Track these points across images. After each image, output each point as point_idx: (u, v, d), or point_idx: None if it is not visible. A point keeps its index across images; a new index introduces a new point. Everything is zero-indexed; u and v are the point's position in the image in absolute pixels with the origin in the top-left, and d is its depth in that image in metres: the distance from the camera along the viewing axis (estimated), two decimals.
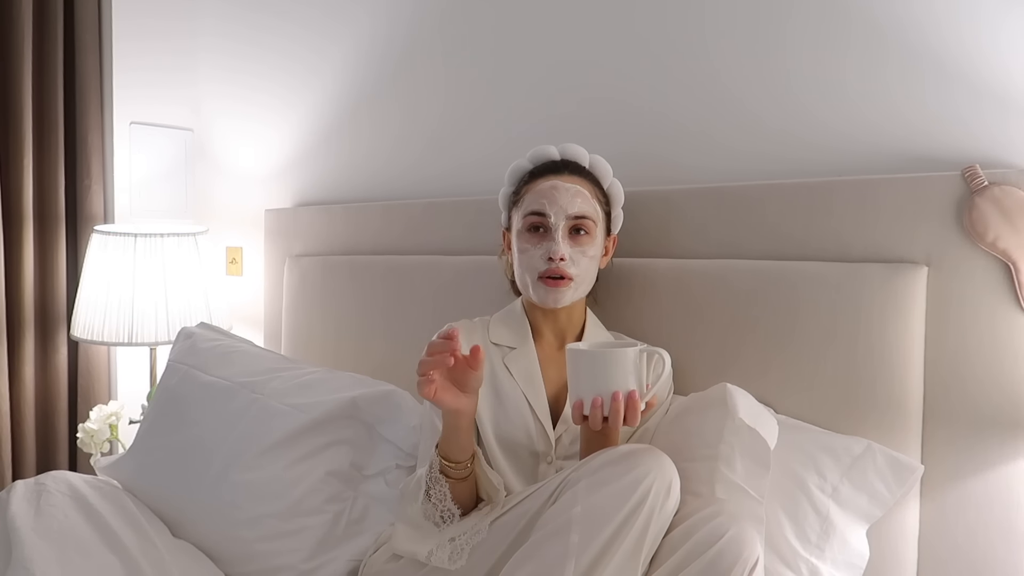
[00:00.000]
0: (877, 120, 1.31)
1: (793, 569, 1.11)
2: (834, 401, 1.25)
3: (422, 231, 1.82)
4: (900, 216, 1.23)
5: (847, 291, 1.24)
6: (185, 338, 1.71)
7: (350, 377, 1.56)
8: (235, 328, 2.26)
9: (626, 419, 1.02)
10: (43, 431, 2.20)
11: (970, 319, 1.19)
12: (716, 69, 1.47)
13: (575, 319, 1.33)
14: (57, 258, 2.18)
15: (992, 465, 1.17)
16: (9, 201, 2.09)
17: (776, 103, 1.41)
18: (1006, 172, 1.16)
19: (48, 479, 1.41)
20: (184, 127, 2.41)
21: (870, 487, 1.15)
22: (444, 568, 1.07)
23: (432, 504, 1.13)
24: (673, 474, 0.98)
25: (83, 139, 2.21)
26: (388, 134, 1.99)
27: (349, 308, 1.90)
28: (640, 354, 1.05)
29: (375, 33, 2.00)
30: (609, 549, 0.93)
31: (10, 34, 2.08)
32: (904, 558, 1.20)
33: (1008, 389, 1.16)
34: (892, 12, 1.28)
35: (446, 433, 1.11)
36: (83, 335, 1.99)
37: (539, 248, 1.25)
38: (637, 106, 1.57)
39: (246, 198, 2.33)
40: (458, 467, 1.11)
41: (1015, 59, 1.18)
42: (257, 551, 1.31)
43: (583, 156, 1.33)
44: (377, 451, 1.44)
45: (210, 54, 2.41)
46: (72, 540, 1.26)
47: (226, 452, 1.41)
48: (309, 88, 2.15)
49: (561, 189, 1.25)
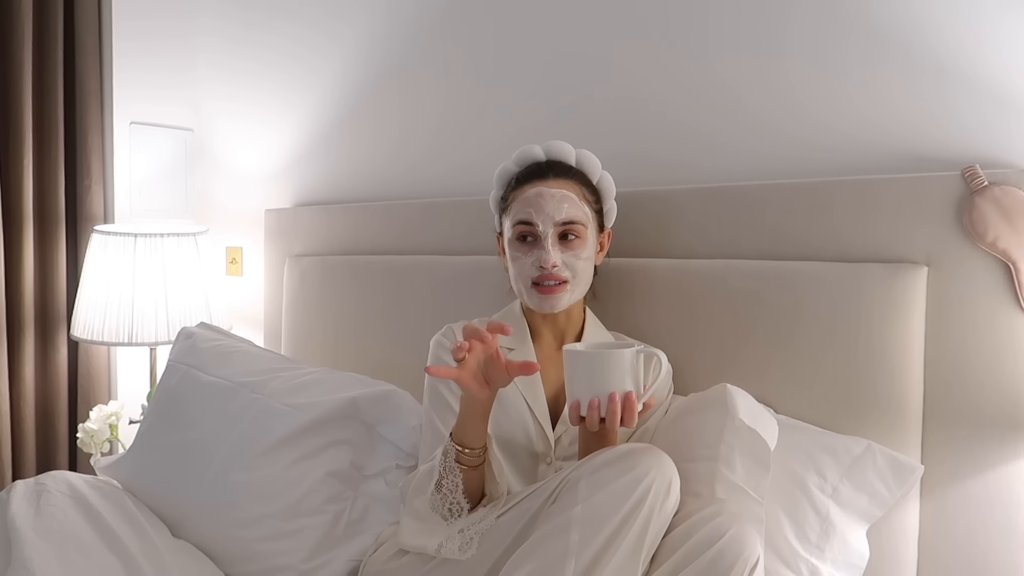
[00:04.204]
0: (877, 120, 1.31)
1: (793, 569, 1.11)
2: (834, 401, 1.25)
3: (422, 231, 1.82)
4: (900, 216, 1.23)
5: (847, 291, 1.24)
6: (185, 338, 1.71)
7: (350, 377, 1.56)
8: (235, 328, 2.26)
9: (623, 420, 1.02)
10: (43, 431, 2.20)
11: (970, 319, 1.19)
12: (716, 69, 1.47)
13: (574, 319, 1.33)
14: (57, 258, 2.18)
15: (992, 465, 1.17)
16: (9, 201, 2.09)
17: (776, 103, 1.41)
18: (1006, 172, 1.16)
19: (48, 479, 1.41)
20: (184, 127, 2.41)
21: (870, 487, 1.15)
22: (453, 560, 1.08)
23: (442, 496, 1.13)
24: (673, 473, 0.98)
25: (83, 139, 2.21)
26: (388, 134, 1.99)
27: (349, 308, 1.90)
28: (637, 355, 1.05)
29: (375, 33, 2.00)
30: (609, 548, 0.93)
31: (10, 34, 2.08)
32: (904, 558, 1.20)
33: (1008, 389, 1.16)
34: (892, 12, 1.28)
35: (463, 419, 1.11)
36: (83, 335, 1.99)
37: (530, 256, 1.24)
38: (636, 106, 1.57)
39: (246, 198, 2.33)
40: (472, 454, 1.11)
41: (1015, 59, 1.18)
42: (257, 551, 1.31)
43: (569, 153, 1.31)
44: (377, 451, 1.44)
45: (210, 54, 2.41)
46: (72, 540, 1.26)
47: (226, 452, 1.41)
48: (309, 88, 2.15)
49: (547, 196, 1.23)
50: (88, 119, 2.21)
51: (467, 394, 1.08)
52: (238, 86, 2.34)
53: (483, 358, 1.07)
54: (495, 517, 1.08)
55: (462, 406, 1.11)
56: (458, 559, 1.07)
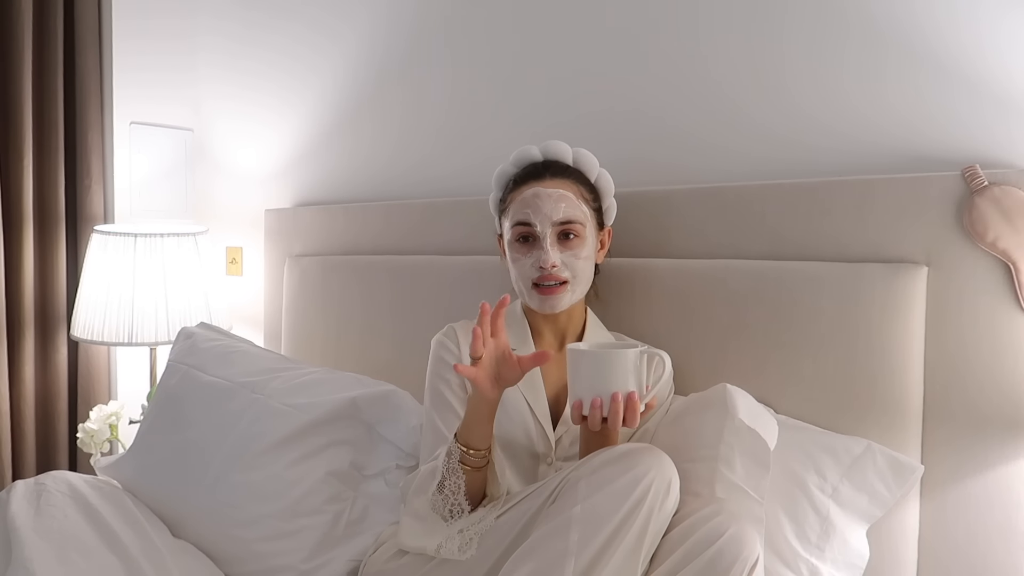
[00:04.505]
0: (877, 120, 1.31)
1: (793, 569, 1.11)
2: (834, 401, 1.25)
3: (423, 231, 1.82)
4: (900, 216, 1.23)
5: (847, 291, 1.24)
6: (185, 338, 1.71)
7: (350, 377, 1.56)
8: (235, 328, 2.26)
9: (625, 420, 1.02)
10: (43, 431, 2.20)
11: (970, 319, 1.19)
12: (712, 74, 1.47)
13: (575, 319, 1.33)
14: (57, 258, 2.18)
15: (992, 465, 1.17)
16: (9, 201, 2.09)
17: (774, 106, 1.41)
18: (1006, 172, 1.16)
19: (48, 479, 1.42)
20: (184, 127, 2.41)
21: (870, 487, 1.15)
22: (453, 560, 1.08)
23: (443, 497, 1.13)
24: (672, 473, 0.98)
25: (83, 139, 2.21)
26: (389, 134, 1.99)
27: (349, 308, 1.90)
28: (640, 355, 1.05)
29: (376, 33, 2.00)
30: (609, 548, 0.93)
31: (10, 34, 2.08)
32: (904, 558, 1.20)
33: (1008, 389, 1.16)
34: (891, 12, 1.28)
35: (469, 420, 1.11)
36: (83, 335, 1.99)
37: (529, 257, 1.25)
38: (636, 110, 1.57)
39: (246, 198, 2.33)
40: (477, 455, 1.12)
41: (1015, 59, 1.18)
42: (257, 551, 1.31)
43: (566, 153, 1.31)
44: (377, 451, 1.44)
45: (210, 54, 2.41)
46: (72, 540, 1.26)
47: (226, 452, 1.41)
48: (309, 88, 2.15)
49: (544, 196, 1.24)
50: (88, 119, 2.21)
51: (478, 394, 1.09)
52: (238, 86, 2.34)
53: (495, 356, 1.08)
54: (495, 517, 1.09)
55: (469, 407, 1.11)
56: (458, 559, 1.07)
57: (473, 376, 1.06)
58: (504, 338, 1.09)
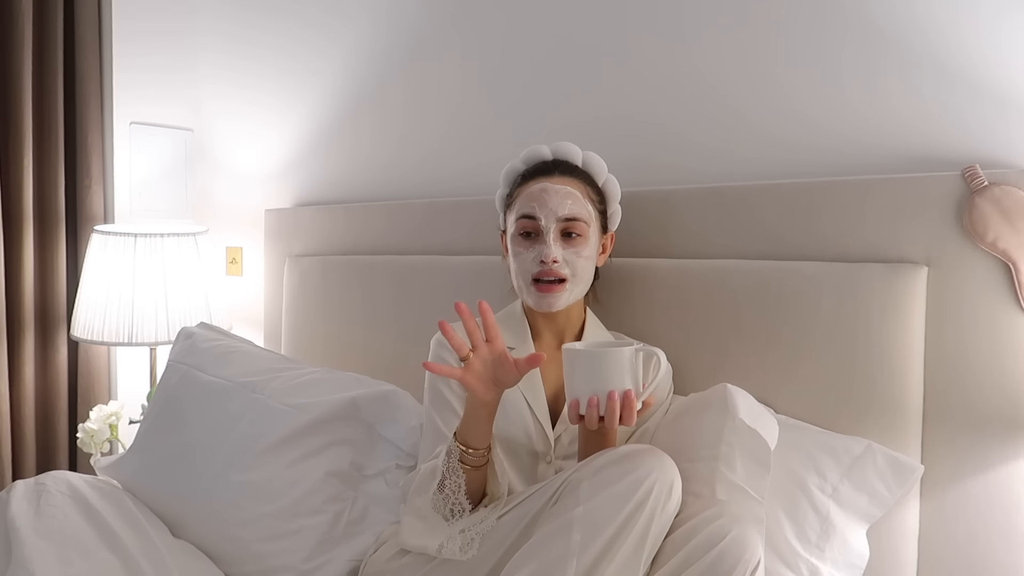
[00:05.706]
0: (876, 121, 1.31)
1: (793, 569, 1.11)
2: (834, 401, 1.25)
3: (423, 231, 1.82)
4: (900, 216, 1.23)
5: (847, 291, 1.24)
6: (185, 338, 1.71)
7: (350, 377, 1.56)
8: (235, 328, 2.26)
9: (622, 419, 1.02)
10: (43, 431, 2.20)
11: (970, 319, 1.19)
12: (712, 76, 1.47)
13: (574, 319, 1.33)
14: (57, 258, 2.18)
15: (992, 465, 1.17)
16: (9, 201, 2.09)
17: (774, 107, 1.41)
18: (1006, 172, 1.16)
19: (48, 479, 1.41)
20: (184, 127, 2.41)
21: (870, 487, 1.15)
22: (454, 560, 1.08)
23: (444, 496, 1.13)
24: (675, 475, 0.98)
25: (83, 139, 2.21)
26: (390, 135, 1.99)
27: (349, 308, 1.90)
28: (636, 354, 1.05)
29: (376, 33, 2.00)
30: (610, 549, 0.93)
31: (10, 34, 2.08)
32: (904, 558, 1.20)
33: (1008, 389, 1.16)
34: (891, 12, 1.28)
35: (468, 420, 1.11)
36: (83, 335, 1.99)
37: (531, 251, 1.25)
38: (636, 112, 1.57)
39: (246, 198, 2.33)
40: (477, 454, 1.12)
41: (1015, 59, 1.18)
42: (257, 551, 1.31)
43: (576, 154, 1.32)
44: (377, 451, 1.44)
45: (210, 54, 2.41)
46: (72, 540, 1.26)
47: (226, 452, 1.41)
48: (309, 88, 2.15)
49: (551, 191, 1.24)
50: (88, 119, 2.21)
51: (472, 396, 1.09)
52: (238, 86, 2.34)
53: (491, 360, 1.08)
54: (496, 518, 1.09)
55: (467, 408, 1.11)
56: (459, 559, 1.07)
57: (458, 377, 1.06)
58: (500, 341, 1.09)
